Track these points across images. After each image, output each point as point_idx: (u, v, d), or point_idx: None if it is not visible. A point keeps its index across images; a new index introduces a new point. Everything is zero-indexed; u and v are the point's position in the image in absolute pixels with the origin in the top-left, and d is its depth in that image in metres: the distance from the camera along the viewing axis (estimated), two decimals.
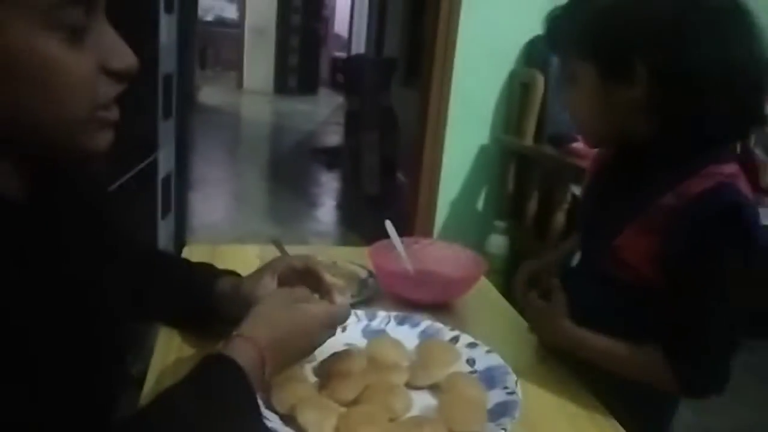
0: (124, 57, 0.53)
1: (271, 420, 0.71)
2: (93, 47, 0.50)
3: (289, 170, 5.30)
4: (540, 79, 2.46)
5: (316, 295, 0.78)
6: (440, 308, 1.07)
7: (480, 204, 2.75)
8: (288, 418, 0.72)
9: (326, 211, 4.34)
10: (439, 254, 1.19)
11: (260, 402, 0.73)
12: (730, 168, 0.81)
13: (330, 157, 5.40)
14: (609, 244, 0.87)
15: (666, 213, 0.81)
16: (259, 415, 0.66)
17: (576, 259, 0.97)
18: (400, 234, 1.17)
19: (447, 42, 2.55)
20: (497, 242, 2.53)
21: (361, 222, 3.81)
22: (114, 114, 0.55)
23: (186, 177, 2.45)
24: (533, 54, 2.56)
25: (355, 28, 7.64)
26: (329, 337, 0.77)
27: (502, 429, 0.72)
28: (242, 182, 4.78)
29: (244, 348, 0.65)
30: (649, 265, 0.84)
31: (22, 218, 0.54)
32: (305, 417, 0.70)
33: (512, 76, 2.62)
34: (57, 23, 0.47)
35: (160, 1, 1.84)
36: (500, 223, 2.57)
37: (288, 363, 0.73)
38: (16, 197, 0.53)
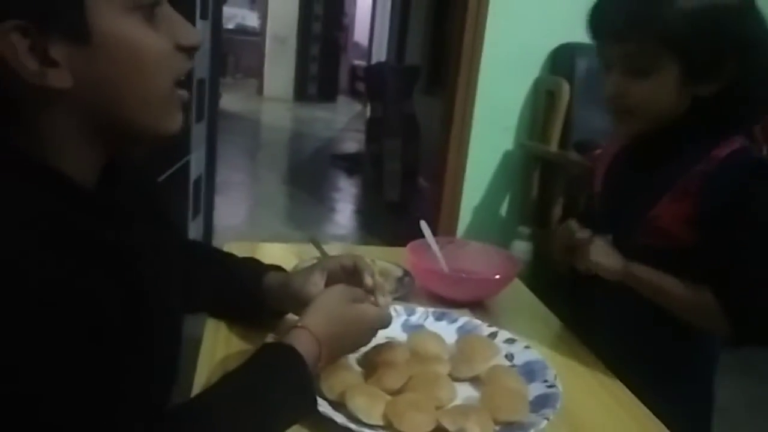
0: (192, 33, 0.56)
1: (322, 405, 0.73)
2: (165, 26, 0.54)
3: (309, 175, 5.34)
4: (566, 87, 2.47)
5: (371, 297, 0.81)
6: (475, 306, 1.09)
7: (504, 209, 2.76)
8: (337, 405, 0.75)
9: (346, 216, 4.37)
10: (474, 254, 1.21)
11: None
12: (740, 138, 0.90)
13: (349, 164, 5.44)
14: (644, 215, 0.92)
15: (698, 177, 0.87)
16: (315, 400, 0.70)
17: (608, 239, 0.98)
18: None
19: (473, 49, 2.58)
20: (521, 248, 2.53)
21: (381, 227, 3.83)
22: (186, 94, 0.59)
23: (214, 180, 2.50)
24: (559, 61, 2.58)
25: (376, 37, 7.70)
26: (372, 338, 0.81)
27: (545, 419, 0.74)
28: (263, 186, 4.84)
29: (305, 338, 0.69)
30: (685, 227, 0.89)
31: (93, 206, 0.56)
32: (355, 403, 0.73)
33: (537, 83, 2.64)
34: (136, 4, 0.51)
35: (196, 7, 1.89)
36: (524, 229, 2.57)
37: (337, 357, 0.78)
38: (86, 184, 0.57)
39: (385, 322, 0.80)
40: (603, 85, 0.94)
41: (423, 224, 1.20)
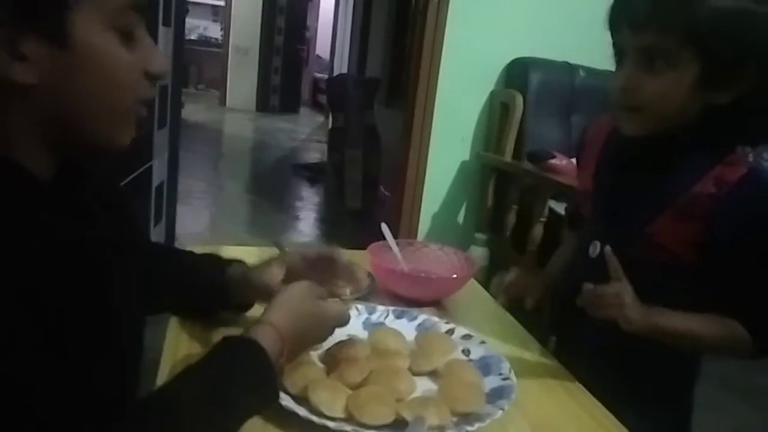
0: (161, 62, 0.60)
1: (285, 399, 0.75)
2: (138, 50, 0.57)
3: (271, 185, 5.33)
4: (519, 99, 2.56)
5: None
6: (433, 305, 1.13)
7: (461, 217, 2.83)
8: (300, 399, 0.77)
9: (309, 224, 4.38)
10: (432, 255, 1.25)
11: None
12: (745, 153, 0.88)
13: (311, 173, 5.45)
14: (641, 231, 0.89)
15: (706, 201, 0.85)
16: (277, 392, 0.72)
17: (594, 250, 0.96)
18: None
19: (431, 62, 2.65)
20: (477, 253, 2.60)
21: (343, 234, 3.85)
22: (144, 111, 0.61)
23: (176, 186, 2.48)
24: (513, 75, 2.67)
25: (337, 50, 7.76)
26: (331, 335, 0.84)
27: (500, 409, 0.78)
28: (226, 195, 4.80)
29: (268, 334, 0.71)
30: (688, 249, 0.87)
31: (49, 198, 0.57)
32: (318, 396, 0.75)
33: (493, 95, 2.72)
34: (118, 25, 0.54)
35: (159, 14, 1.90)
36: (480, 236, 2.65)
37: (298, 353, 0.80)
38: (43, 179, 0.57)
39: (345, 320, 0.84)
40: (612, 79, 0.89)
41: (383, 226, 1.23)
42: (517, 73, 2.64)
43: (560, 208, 2.43)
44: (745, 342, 0.85)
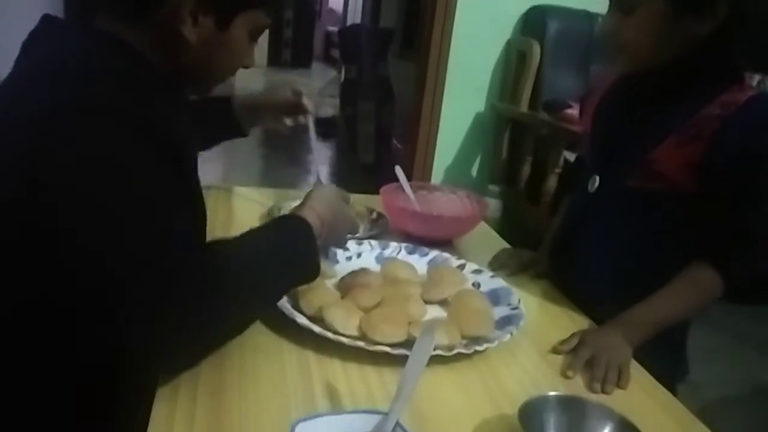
0: (254, 60, 0.85)
1: (300, 318, 0.79)
2: (252, 47, 0.83)
3: (284, 138, 5.32)
4: (536, 47, 2.52)
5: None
6: (445, 245, 1.15)
7: (474, 169, 2.83)
8: (315, 319, 0.80)
9: (322, 178, 4.38)
10: (444, 198, 1.27)
11: (288, 304, 0.81)
12: (753, 79, 0.92)
13: (324, 128, 5.42)
14: (641, 158, 0.91)
15: (711, 122, 0.85)
16: (318, 269, 0.79)
17: (592, 184, 0.98)
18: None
19: (446, 12, 2.60)
20: (491, 205, 2.62)
21: (356, 188, 3.84)
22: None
23: None
24: (530, 23, 2.62)
25: (350, 1, 7.62)
26: (346, 240, 0.97)
27: (509, 333, 0.81)
28: (238, 149, 4.81)
29: (312, 215, 0.80)
30: (686, 172, 0.88)
31: (168, 99, 0.76)
32: (332, 315, 0.78)
33: (509, 44, 2.68)
34: (254, 31, 0.80)
35: None
36: (494, 187, 2.66)
37: (330, 241, 0.90)
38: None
39: (356, 227, 0.99)
40: (599, 26, 0.96)
41: (397, 169, 1.25)
42: (535, 20, 2.59)
43: (573, 157, 2.43)
44: (715, 289, 0.87)
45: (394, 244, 1.07)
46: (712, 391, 1.91)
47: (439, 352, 0.74)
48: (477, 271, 1.01)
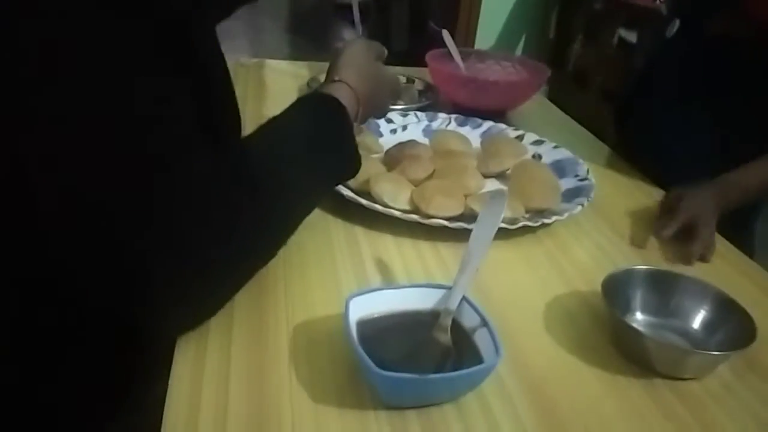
0: None
1: (345, 191, 0.70)
2: None
3: (312, 25, 5.08)
4: None
5: None
6: (498, 117, 1.03)
7: (519, 49, 2.63)
8: (361, 193, 0.72)
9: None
10: (497, 64, 1.14)
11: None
12: None
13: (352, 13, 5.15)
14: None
15: None
16: (359, 160, 0.64)
17: (671, 29, 0.88)
18: None
19: None
20: None
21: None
22: None
23: None
24: None
25: None
26: (389, 104, 0.78)
27: (580, 205, 0.71)
28: (265, 35, 4.62)
29: (344, 91, 0.64)
30: None
31: None
32: (381, 188, 0.70)
33: None
34: None
35: None
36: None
37: (371, 113, 0.73)
38: None
39: (398, 87, 0.81)
40: None
41: (444, 33, 1.11)
42: None
43: (632, 36, 2.21)
44: None
45: (442, 116, 0.96)
46: None
47: (502, 225, 0.65)
48: (537, 142, 0.91)
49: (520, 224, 0.66)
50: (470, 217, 0.68)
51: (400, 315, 0.49)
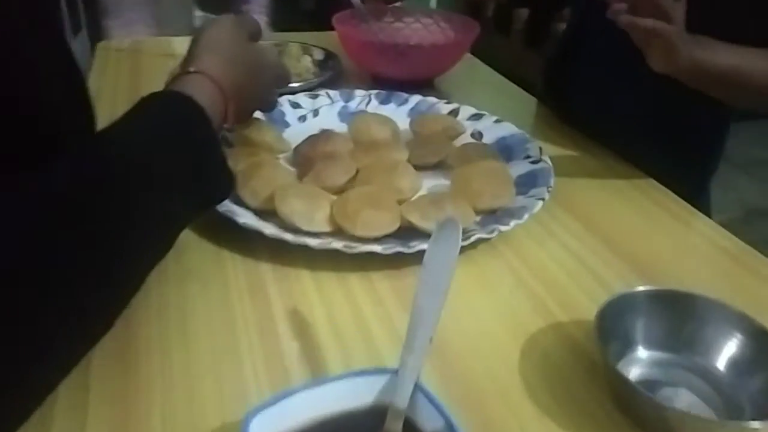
0: None
1: (243, 216, 0.54)
2: None
3: None
4: None
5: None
6: (425, 88, 0.88)
7: (433, 2, 2.45)
8: (264, 213, 0.55)
9: None
10: (416, 23, 0.97)
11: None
12: None
13: None
14: None
15: None
16: (224, 164, 0.47)
17: None
18: None
19: None
20: None
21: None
22: None
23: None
24: None
25: None
26: (275, 95, 0.62)
27: (540, 200, 0.57)
28: (163, 5, 4.22)
29: (203, 86, 0.46)
30: None
31: None
32: (289, 206, 0.53)
33: None
34: None
35: None
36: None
37: (249, 109, 0.57)
38: None
39: (285, 74, 0.62)
40: None
41: None
42: None
43: None
44: None
45: (360, 93, 0.80)
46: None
47: None
48: (475, 116, 0.76)
49: (474, 238, 0.52)
50: (408, 231, 0.53)
51: (329, 423, 0.34)
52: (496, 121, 0.74)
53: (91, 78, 0.91)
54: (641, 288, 0.43)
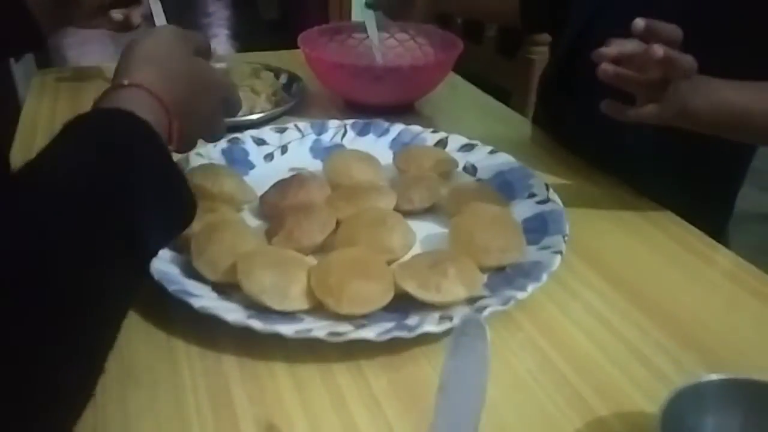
0: None
1: (200, 295, 0.43)
2: None
3: (172, 0, 4.56)
4: None
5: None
6: (402, 112, 0.79)
7: None
8: (226, 288, 0.45)
9: (221, 42, 3.77)
10: (393, 38, 0.88)
11: (173, 269, 0.46)
12: None
13: None
14: None
15: None
16: (185, 181, 0.39)
17: None
18: None
19: None
20: None
21: (261, 50, 3.33)
22: None
23: None
24: None
25: None
26: (222, 117, 0.50)
27: (557, 253, 0.48)
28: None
29: (139, 99, 0.39)
30: None
31: None
32: (258, 282, 0.43)
33: None
34: None
35: None
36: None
37: (196, 133, 0.47)
38: None
39: (233, 96, 0.51)
40: None
41: (368, 16, 0.83)
42: None
43: None
44: None
45: (334, 124, 0.70)
46: None
47: (452, 323, 0.41)
48: (467, 147, 0.67)
49: (487, 312, 0.42)
50: (403, 302, 0.44)
51: None
52: (491, 152, 0.65)
53: (26, 106, 0.81)
54: (713, 377, 0.34)
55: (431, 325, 0.41)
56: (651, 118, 0.51)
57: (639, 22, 0.47)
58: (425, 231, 0.54)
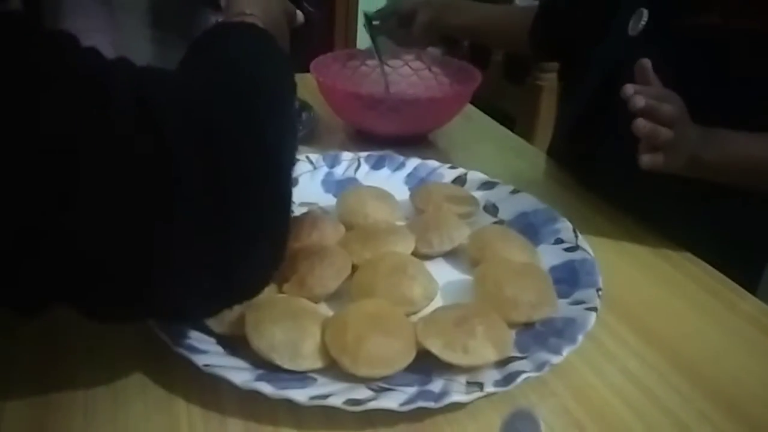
0: None
1: (205, 351, 0.39)
2: None
3: (175, 16, 4.56)
4: None
5: None
6: (416, 143, 0.76)
7: None
8: (233, 342, 0.41)
9: None
10: (407, 66, 0.85)
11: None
12: None
13: None
14: None
15: None
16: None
17: (636, 23, 0.61)
18: None
19: None
20: None
21: None
22: None
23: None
24: None
25: None
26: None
27: (591, 310, 0.45)
28: (123, 33, 4.05)
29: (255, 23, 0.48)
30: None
31: None
32: (267, 338, 0.39)
33: None
34: None
35: None
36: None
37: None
38: None
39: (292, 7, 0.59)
40: None
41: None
42: None
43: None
44: None
45: (347, 156, 0.67)
46: None
47: (482, 392, 0.37)
48: (487, 185, 0.63)
49: (521, 379, 0.38)
50: (425, 362, 0.40)
51: None
52: (513, 192, 0.62)
53: None
54: None
55: (459, 394, 0.37)
56: (660, 167, 0.50)
57: (628, 89, 0.48)
58: (445, 277, 0.51)
